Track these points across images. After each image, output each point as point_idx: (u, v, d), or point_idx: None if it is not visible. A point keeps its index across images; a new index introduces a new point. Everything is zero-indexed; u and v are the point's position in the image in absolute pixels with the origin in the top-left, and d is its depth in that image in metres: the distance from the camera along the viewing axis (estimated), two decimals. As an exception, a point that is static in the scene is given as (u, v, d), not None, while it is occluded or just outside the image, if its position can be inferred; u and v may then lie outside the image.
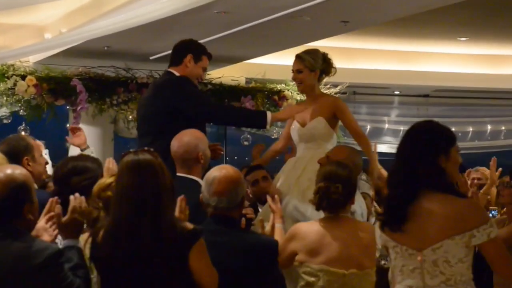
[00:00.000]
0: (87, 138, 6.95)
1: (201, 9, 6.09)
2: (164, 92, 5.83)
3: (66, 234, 3.93)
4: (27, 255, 3.68)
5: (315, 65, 6.38)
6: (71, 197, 4.00)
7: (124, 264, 3.75)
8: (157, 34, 7.89)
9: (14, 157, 4.89)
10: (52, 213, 3.98)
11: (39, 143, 5.80)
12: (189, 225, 3.82)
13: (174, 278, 3.77)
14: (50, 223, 3.98)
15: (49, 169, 6.40)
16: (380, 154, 12.91)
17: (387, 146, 14.12)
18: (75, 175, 4.60)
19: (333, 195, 4.67)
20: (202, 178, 4.83)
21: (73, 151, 8.62)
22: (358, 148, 6.45)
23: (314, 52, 6.44)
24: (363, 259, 4.71)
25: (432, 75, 12.80)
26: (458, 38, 11.90)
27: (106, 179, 4.42)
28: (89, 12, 7.97)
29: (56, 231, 3.95)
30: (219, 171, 4.40)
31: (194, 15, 6.19)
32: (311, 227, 4.74)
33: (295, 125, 6.40)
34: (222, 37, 8.52)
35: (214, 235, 4.23)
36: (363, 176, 6.62)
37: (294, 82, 6.89)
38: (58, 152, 6.98)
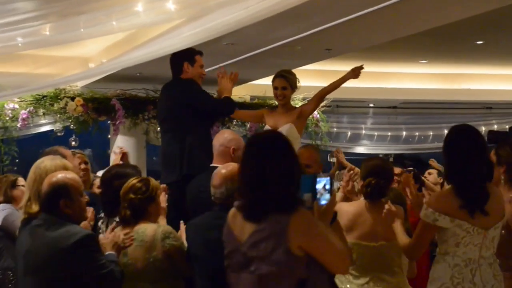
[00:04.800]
0: (124, 147, 6.93)
1: (213, 41, 6.06)
2: (174, 94, 5.74)
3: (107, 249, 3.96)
4: (63, 237, 3.70)
5: (295, 83, 6.40)
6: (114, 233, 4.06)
7: None
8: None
9: None
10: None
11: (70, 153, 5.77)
12: None
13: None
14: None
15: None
16: (358, 154, 13.04)
17: (364, 148, 14.16)
18: (117, 179, 4.61)
19: (382, 189, 4.65)
20: None
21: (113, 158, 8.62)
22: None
23: (293, 73, 6.46)
24: (390, 233, 4.56)
25: (399, 90, 12.79)
26: (420, 61, 11.89)
27: (132, 181, 4.39)
28: (124, 46, 7.97)
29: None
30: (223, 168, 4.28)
31: (207, 46, 6.15)
32: (349, 207, 4.65)
33: (266, 128, 6.35)
34: (231, 64, 8.51)
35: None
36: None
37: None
38: (101, 158, 6.97)
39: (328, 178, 3.38)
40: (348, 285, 4.55)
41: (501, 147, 4.36)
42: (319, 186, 3.33)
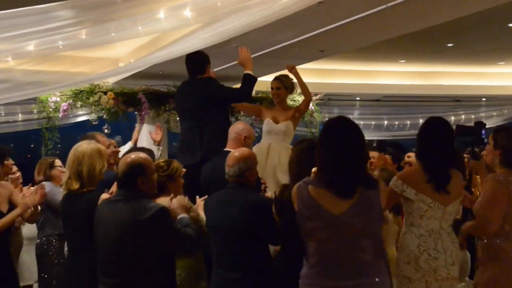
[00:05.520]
0: (149, 134, 6.92)
1: (223, 44, 6.05)
2: (199, 90, 5.73)
3: (179, 213, 3.92)
4: (141, 211, 3.64)
5: (290, 85, 6.48)
6: (178, 197, 4.04)
7: None
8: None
9: None
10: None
11: (104, 139, 5.81)
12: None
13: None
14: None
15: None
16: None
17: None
18: None
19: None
20: None
21: (140, 143, 8.61)
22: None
23: (288, 77, 6.54)
24: None
25: (382, 86, 12.77)
26: (399, 61, 11.87)
27: (159, 161, 4.39)
28: (149, 48, 7.97)
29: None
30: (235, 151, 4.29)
31: (219, 48, 6.16)
32: None
33: (268, 121, 6.45)
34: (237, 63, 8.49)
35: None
36: None
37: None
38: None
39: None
40: None
41: (497, 133, 4.26)
42: None
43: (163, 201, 4.15)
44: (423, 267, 3.93)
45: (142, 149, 5.24)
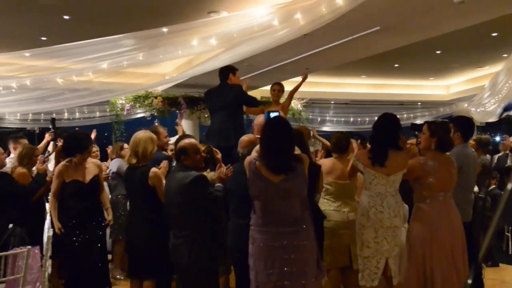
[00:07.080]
0: (186, 127, 6.87)
1: (238, 63, 6.01)
2: (229, 92, 5.56)
3: (217, 182, 3.89)
4: (184, 177, 3.65)
5: (283, 90, 6.34)
6: (221, 169, 3.93)
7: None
8: (217, 74, 7.85)
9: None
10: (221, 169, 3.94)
11: (163, 131, 5.74)
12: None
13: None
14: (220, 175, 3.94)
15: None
16: (324, 131, 12.96)
17: (328, 127, 14.06)
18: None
19: (346, 146, 4.65)
20: None
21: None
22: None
23: (282, 84, 6.36)
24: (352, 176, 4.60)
25: (349, 93, 12.72)
26: (361, 76, 11.81)
27: (201, 146, 4.36)
28: (186, 66, 7.95)
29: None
30: (245, 136, 4.24)
31: (235, 66, 6.12)
32: (328, 161, 4.62)
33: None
34: (249, 77, 8.47)
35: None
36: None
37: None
38: (173, 132, 6.99)
39: (278, 112, 3.51)
40: (328, 207, 4.51)
41: (432, 124, 4.07)
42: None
43: (206, 173, 4.14)
44: (372, 218, 3.91)
45: (188, 136, 5.18)
